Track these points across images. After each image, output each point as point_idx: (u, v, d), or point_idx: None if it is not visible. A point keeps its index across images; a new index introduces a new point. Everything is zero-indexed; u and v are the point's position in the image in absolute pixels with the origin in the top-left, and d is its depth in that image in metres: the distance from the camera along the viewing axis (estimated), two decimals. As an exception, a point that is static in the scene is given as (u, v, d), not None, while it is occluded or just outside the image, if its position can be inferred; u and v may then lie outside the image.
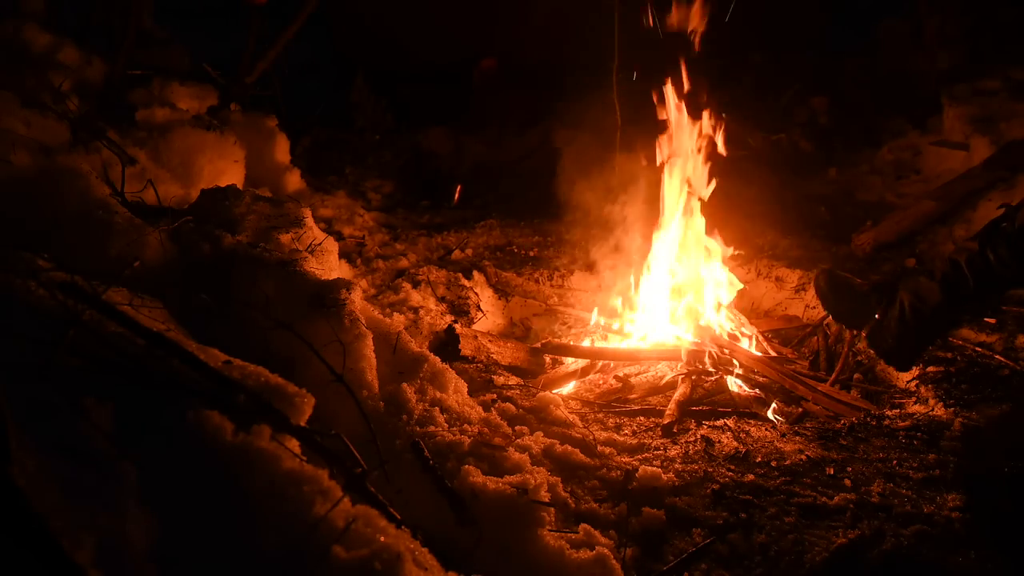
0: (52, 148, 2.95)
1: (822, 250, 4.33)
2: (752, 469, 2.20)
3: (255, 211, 2.74)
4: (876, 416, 2.60)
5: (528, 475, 1.92)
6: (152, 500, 1.19)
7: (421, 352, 2.35)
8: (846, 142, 5.68)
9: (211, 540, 1.23)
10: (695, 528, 1.93)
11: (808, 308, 3.95)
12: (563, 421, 2.44)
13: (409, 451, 1.92)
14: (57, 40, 4.00)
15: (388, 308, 3.46)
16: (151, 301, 1.93)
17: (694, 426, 2.56)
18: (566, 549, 1.69)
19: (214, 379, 1.50)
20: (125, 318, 1.54)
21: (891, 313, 2.71)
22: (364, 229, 4.61)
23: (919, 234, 4.35)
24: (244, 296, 2.17)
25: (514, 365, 3.14)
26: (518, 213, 5.04)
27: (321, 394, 1.69)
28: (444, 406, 2.21)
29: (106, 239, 2.18)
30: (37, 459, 1.07)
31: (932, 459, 2.29)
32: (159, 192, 2.91)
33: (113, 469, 1.19)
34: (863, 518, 1.99)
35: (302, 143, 6.03)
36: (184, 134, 3.82)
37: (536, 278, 4.16)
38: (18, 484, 0.94)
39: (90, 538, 1.02)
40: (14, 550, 0.92)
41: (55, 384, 1.33)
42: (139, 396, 1.41)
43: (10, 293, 1.57)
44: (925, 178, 5.12)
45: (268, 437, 1.39)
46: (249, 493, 1.29)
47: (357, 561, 1.24)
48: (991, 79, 5.27)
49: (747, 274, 4.20)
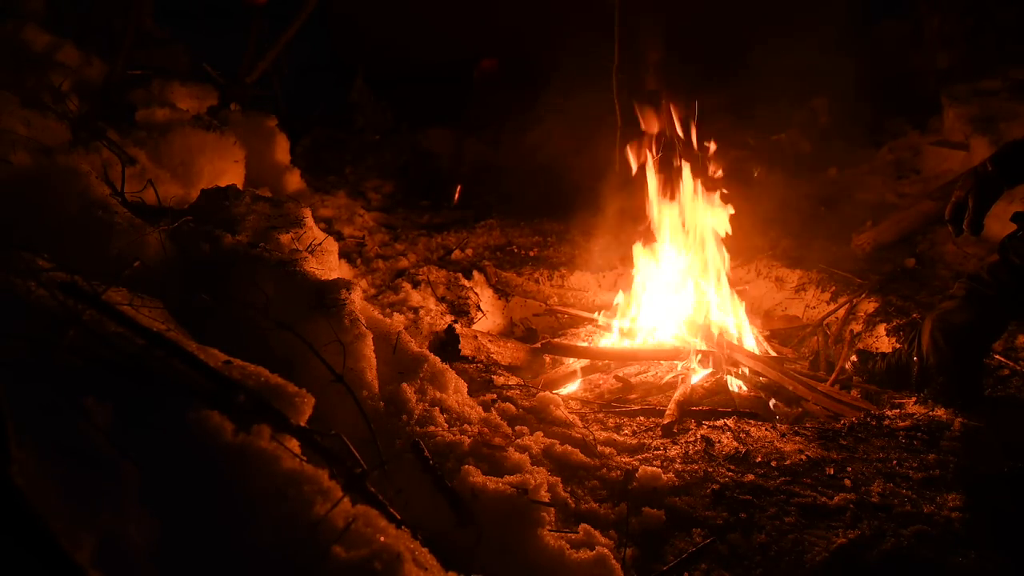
0: (52, 148, 2.95)
1: (822, 250, 4.33)
2: (752, 469, 2.20)
3: (255, 211, 2.74)
4: (876, 416, 2.60)
5: (528, 475, 1.92)
6: (152, 500, 1.19)
7: (421, 352, 2.35)
8: (846, 142, 5.68)
9: (211, 540, 1.23)
10: (695, 528, 1.93)
11: (808, 308, 3.95)
12: (563, 421, 2.44)
13: (409, 451, 1.92)
14: (57, 40, 4.00)
15: (388, 308, 3.46)
16: (151, 301, 1.93)
17: (694, 426, 2.55)
18: (566, 549, 1.69)
19: (214, 379, 1.50)
20: (125, 318, 1.54)
21: (921, 347, 2.66)
22: (364, 229, 4.61)
23: (919, 234, 4.35)
24: (244, 296, 2.17)
25: (514, 365, 3.13)
26: (518, 213, 5.04)
27: (321, 394, 1.69)
28: (444, 406, 2.21)
29: (106, 239, 2.18)
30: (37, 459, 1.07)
31: (932, 459, 2.29)
32: (159, 192, 2.91)
33: (113, 469, 1.19)
34: (863, 518, 1.99)
35: (302, 143, 6.03)
36: (184, 134, 3.82)
37: (536, 278, 4.16)
38: (18, 484, 0.94)
39: (90, 538, 1.02)
40: (14, 550, 0.92)
41: (55, 384, 1.33)
42: (139, 396, 1.41)
43: (10, 293, 1.57)
44: (925, 178, 5.12)
45: (268, 437, 1.38)
46: (249, 493, 1.29)
47: (357, 561, 1.24)
48: (991, 79, 5.27)
49: (747, 274, 4.20)
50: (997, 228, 2.50)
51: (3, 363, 1.34)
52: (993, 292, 2.45)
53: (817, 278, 4.01)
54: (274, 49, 5.20)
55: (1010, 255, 2.40)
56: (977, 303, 2.50)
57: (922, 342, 2.68)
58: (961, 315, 2.53)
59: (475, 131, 6.31)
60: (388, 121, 6.56)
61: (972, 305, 2.51)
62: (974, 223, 2.23)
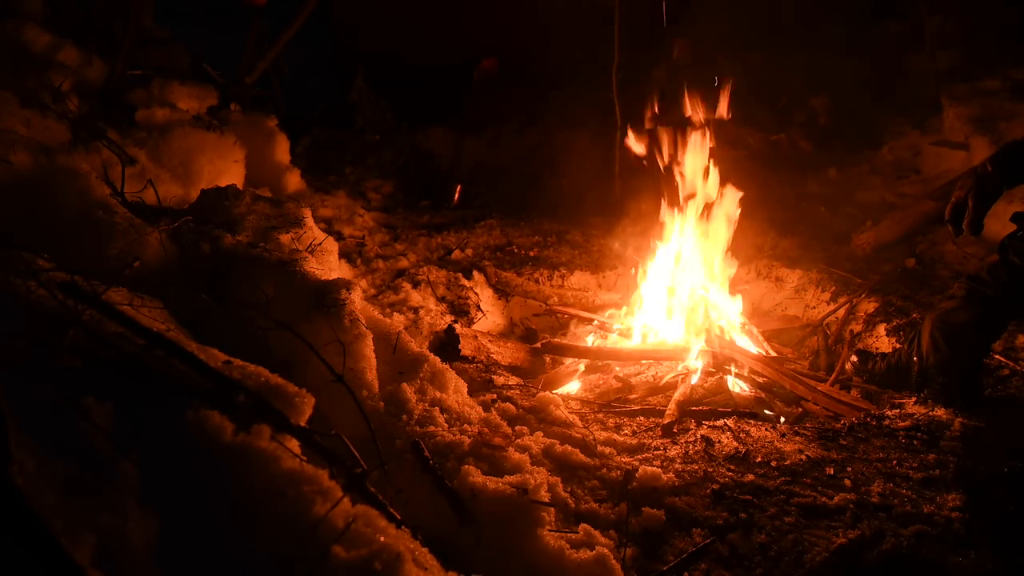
0: (52, 148, 2.94)
1: (822, 250, 4.33)
2: (752, 469, 2.20)
3: (255, 211, 2.74)
4: (876, 416, 2.60)
5: (528, 475, 1.92)
6: (152, 500, 1.19)
7: (421, 352, 2.35)
8: (846, 142, 5.68)
9: (211, 540, 1.23)
10: (695, 528, 1.93)
11: (808, 308, 3.95)
12: (563, 421, 2.44)
13: (409, 451, 1.92)
14: (57, 40, 4.00)
15: (388, 308, 3.46)
16: (151, 301, 1.93)
17: (694, 426, 2.56)
18: (566, 549, 1.69)
19: (214, 379, 1.50)
20: (125, 318, 1.54)
21: (921, 348, 2.66)
22: (364, 229, 4.61)
23: (919, 234, 4.35)
24: (244, 296, 2.17)
25: (514, 365, 3.13)
26: (518, 213, 5.04)
27: (321, 394, 1.69)
28: (444, 406, 2.21)
29: (106, 239, 2.18)
30: (37, 459, 1.07)
31: (932, 459, 2.29)
32: (159, 192, 2.91)
33: (113, 469, 1.19)
34: (863, 518, 1.99)
35: (302, 143, 6.03)
36: (184, 134, 3.82)
37: (536, 278, 4.16)
38: (18, 484, 0.94)
39: (90, 538, 1.02)
40: (14, 550, 0.92)
41: (55, 384, 1.32)
42: (139, 396, 1.41)
43: (10, 293, 1.57)
44: (925, 178, 5.12)
45: (268, 437, 1.38)
46: (249, 493, 1.29)
47: (357, 561, 1.24)
48: (991, 79, 5.27)
49: (747, 274, 4.20)
50: (997, 228, 2.49)
51: (3, 363, 1.34)
52: (993, 292, 2.45)
53: (817, 278, 4.01)
54: (274, 49, 5.19)
55: (1010, 255, 2.40)
56: (977, 303, 2.49)
57: (922, 342, 2.68)
58: (961, 315, 2.53)
59: (475, 131, 6.31)
60: (388, 121, 6.56)
61: (972, 305, 2.50)
62: (974, 223, 2.23)
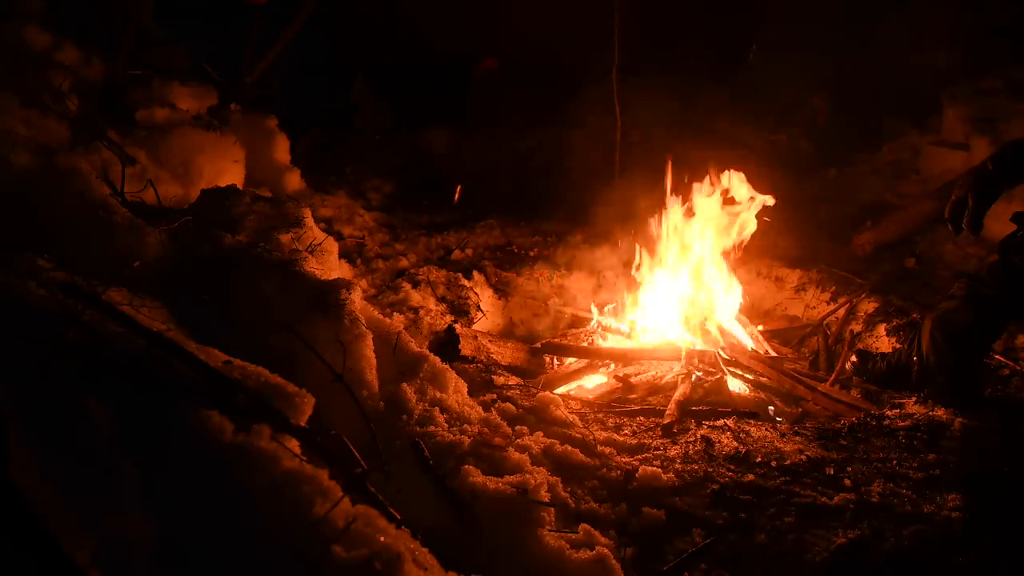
0: (52, 148, 2.94)
1: (822, 250, 4.33)
2: (752, 469, 2.20)
3: (255, 211, 2.74)
4: (876, 416, 2.60)
5: (528, 475, 1.92)
6: (152, 500, 1.19)
7: (421, 352, 2.35)
8: (846, 142, 5.68)
9: (211, 540, 1.23)
10: (695, 528, 1.93)
11: (808, 308, 3.95)
12: (563, 421, 2.44)
13: (409, 451, 1.92)
14: (57, 40, 3.99)
15: (388, 308, 3.46)
16: (151, 301, 1.93)
17: (694, 426, 2.55)
18: (566, 549, 1.69)
19: (214, 379, 1.50)
20: (125, 318, 1.54)
21: (921, 348, 2.66)
22: (364, 229, 4.61)
23: (919, 234, 4.35)
24: (244, 296, 2.17)
25: (514, 365, 3.13)
26: (518, 213, 5.04)
27: (321, 394, 1.69)
28: (444, 406, 2.21)
29: (106, 239, 2.18)
30: (37, 459, 1.07)
31: (932, 459, 2.29)
32: (159, 192, 2.91)
33: (113, 469, 1.19)
34: (863, 518, 1.99)
35: (302, 143, 6.02)
36: (184, 134, 3.82)
37: (536, 278, 4.16)
38: (18, 484, 0.94)
39: (90, 538, 1.02)
40: (14, 550, 0.92)
41: (55, 384, 1.33)
42: (139, 396, 1.41)
43: (10, 293, 1.57)
44: (925, 178, 5.11)
45: (268, 437, 1.38)
46: (249, 493, 1.29)
47: (357, 561, 1.24)
48: (991, 79, 5.27)
49: (747, 274, 4.20)
50: (997, 228, 2.49)
51: (3, 363, 1.34)
52: (993, 292, 2.45)
53: (817, 278, 4.01)
54: (274, 49, 5.19)
55: (1010, 255, 2.40)
56: (977, 303, 2.49)
57: (922, 342, 2.67)
58: (961, 315, 2.53)
59: (475, 131, 6.31)
60: (388, 121, 6.56)
61: (972, 305, 2.50)
62: (974, 222, 2.23)
